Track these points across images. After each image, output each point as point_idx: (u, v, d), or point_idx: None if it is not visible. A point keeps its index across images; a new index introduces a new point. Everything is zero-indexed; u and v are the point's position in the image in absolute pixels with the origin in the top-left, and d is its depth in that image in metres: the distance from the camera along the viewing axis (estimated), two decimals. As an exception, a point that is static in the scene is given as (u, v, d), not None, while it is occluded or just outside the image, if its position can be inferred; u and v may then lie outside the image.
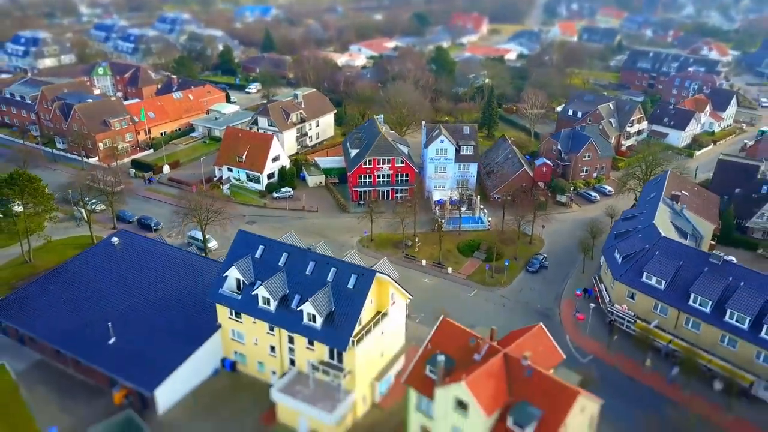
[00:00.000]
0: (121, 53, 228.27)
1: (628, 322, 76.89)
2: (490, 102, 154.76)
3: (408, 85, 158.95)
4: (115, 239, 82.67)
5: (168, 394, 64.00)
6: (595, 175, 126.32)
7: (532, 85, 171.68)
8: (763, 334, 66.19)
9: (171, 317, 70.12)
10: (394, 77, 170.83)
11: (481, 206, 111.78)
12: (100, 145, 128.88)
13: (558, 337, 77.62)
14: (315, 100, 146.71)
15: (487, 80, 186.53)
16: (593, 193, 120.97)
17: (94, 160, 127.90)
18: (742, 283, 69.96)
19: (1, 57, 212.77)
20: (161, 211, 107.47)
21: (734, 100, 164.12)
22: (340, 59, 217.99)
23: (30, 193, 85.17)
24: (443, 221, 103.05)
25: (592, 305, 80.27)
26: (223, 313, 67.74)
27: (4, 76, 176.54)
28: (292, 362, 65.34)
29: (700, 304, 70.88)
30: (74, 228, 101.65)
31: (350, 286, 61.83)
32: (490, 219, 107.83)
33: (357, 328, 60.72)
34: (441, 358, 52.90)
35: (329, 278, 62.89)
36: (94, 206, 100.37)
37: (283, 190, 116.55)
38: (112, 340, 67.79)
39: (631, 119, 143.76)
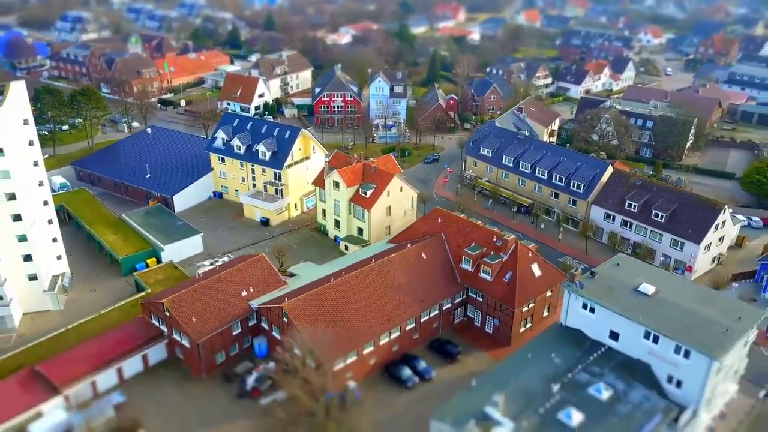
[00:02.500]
0: (148, 30, 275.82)
1: (474, 181, 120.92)
2: (434, 64, 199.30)
3: (369, 51, 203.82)
4: (148, 129, 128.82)
5: (181, 201, 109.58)
6: (498, 112, 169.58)
7: (476, 56, 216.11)
8: (536, 174, 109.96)
9: (184, 165, 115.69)
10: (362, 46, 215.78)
11: (405, 128, 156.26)
12: (135, 88, 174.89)
13: (429, 191, 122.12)
14: (296, 59, 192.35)
15: (444, 52, 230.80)
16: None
17: (130, 99, 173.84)
18: (531, 147, 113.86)
19: (51, 33, 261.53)
20: (178, 128, 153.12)
21: (630, 65, 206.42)
22: (329, 38, 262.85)
23: (94, 100, 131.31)
24: (376, 135, 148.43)
25: (451, 170, 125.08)
26: (214, 159, 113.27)
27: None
28: (254, 186, 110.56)
29: (507, 162, 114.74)
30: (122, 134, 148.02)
31: (286, 136, 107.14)
32: (409, 135, 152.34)
33: (289, 160, 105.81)
34: (326, 161, 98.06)
35: (274, 133, 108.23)
36: (132, 121, 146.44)
37: (266, 117, 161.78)
38: (148, 175, 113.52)
39: (537, 75, 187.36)
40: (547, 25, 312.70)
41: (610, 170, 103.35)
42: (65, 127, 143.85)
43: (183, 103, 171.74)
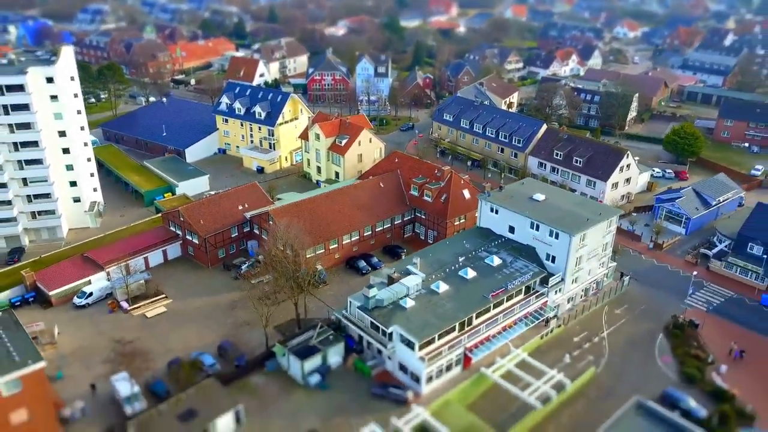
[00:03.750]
0: (161, 20, 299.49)
1: (437, 142, 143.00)
2: (418, 51, 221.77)
3: (361, 40, 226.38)
4: (164, 99, 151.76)
5: (191, 154, 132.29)
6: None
7: (459, 45, 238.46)
8: (486, 133, 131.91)
9: (194, 126, 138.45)
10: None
11: (387, 102, 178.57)
12: (151, 70, 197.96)
13: (401, 150, 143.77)
14: (294, 46, 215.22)
15: (431, 43, 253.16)
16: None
17: (146, 79, 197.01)
18: (484, 112, 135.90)
19: (72, 24, 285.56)
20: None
21: (597, 53, 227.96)
22: (327, 30, 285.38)
23: (117, 74, 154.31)
24: (361, 109, 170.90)
25: (421, 135, 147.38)
26: (219, 120, 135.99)
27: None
28: (252, 141, 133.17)
29: (464, 124, 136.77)
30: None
31: (278, 100, 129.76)
32: (389, 109, 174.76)
33: (280, 120, 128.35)
34: (310, 118, 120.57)
35: (269, 97, 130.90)
36: (149, 96, 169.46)
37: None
38: (164, 134, 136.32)
39: (508, 60, 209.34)
40: (532, 20, 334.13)
41: (544, 127, 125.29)
42: (92, 100, 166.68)
43: (193, 81, 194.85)
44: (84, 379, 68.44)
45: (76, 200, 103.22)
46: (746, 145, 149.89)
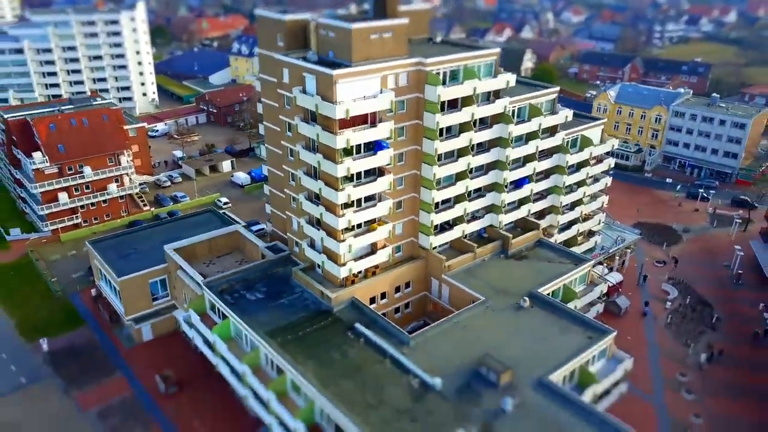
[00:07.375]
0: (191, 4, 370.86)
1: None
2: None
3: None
4: (195, 48, 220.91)
5: (214, 79, 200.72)
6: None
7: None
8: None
9: (216, 63, 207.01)
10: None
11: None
12: (184, 37, 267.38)
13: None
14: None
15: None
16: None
17: (183, 43, 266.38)
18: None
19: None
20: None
21: (527, 28, 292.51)
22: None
23: (164, 33, 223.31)
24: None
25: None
26: (232, 59, 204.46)
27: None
28: (253, 72, 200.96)
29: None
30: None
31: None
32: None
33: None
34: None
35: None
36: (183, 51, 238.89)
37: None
38: (196, 68, 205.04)
39: (452, 30, 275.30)
40: (499, 9, 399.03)
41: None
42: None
43: (215, 44, 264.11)
44: (156, 156, 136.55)
45: (144, 94, 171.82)
46: (599, 82, 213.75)
